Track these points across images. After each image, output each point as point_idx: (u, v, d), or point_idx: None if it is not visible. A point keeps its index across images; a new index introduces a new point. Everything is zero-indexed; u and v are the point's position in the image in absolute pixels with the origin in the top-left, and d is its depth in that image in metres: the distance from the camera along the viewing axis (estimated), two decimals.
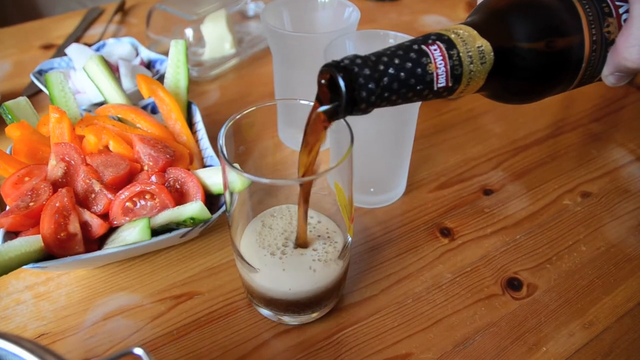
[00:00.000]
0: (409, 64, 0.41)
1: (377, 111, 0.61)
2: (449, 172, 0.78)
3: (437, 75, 0.42)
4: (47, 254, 0.56)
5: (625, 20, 0.47)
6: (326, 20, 0.77)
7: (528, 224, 0.70)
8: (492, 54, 0.44)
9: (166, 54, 0.81)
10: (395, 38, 0.65)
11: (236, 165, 0.51)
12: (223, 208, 0.60)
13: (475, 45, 0.43)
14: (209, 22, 1.01)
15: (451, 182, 0.76)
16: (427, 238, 0.68)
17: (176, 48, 0.77)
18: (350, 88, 0.40)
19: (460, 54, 0.42)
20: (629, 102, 0.93)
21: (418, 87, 0.42)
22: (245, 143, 0.54)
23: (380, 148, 0.66)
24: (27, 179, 0.62)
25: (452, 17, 1.24)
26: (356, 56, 0.41)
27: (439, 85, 0.42)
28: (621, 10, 0.48)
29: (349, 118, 0.48)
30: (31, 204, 0.59)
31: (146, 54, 0.95)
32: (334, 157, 0.61)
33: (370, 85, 0.40)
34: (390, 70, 0.41)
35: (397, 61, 0.41)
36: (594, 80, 0.51)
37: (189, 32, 1.01)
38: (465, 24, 0.46)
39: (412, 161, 0.73)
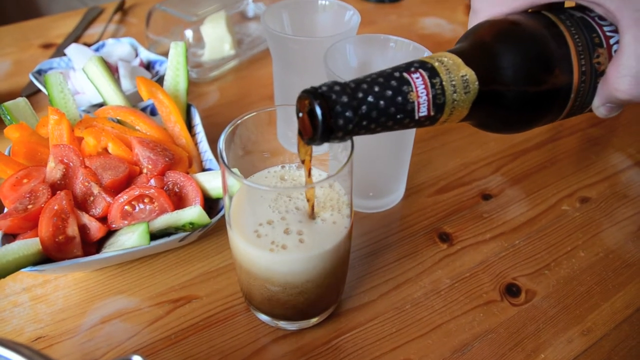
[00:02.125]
0: (390, 92, 0.40)
1: None
2: (448, 177, 0.78)
3: (419, 104, 0.40)
4: (45, 257, 0.56)
5: (616, 51, 0.46)
6: (326, 23, 0.77)
7: (527, 230, 0.70)
8: (476, 83, 0.42)
9: (166, 54, 0.81)
10: (395, 42, 0.65)
11: (235, 170, 0.51)
12: (222, 212, 0.60)
13: (460, 74, 0.42)
14: (209, 23, 1.00)
15: (450, 186, 0.76)
16: (426, 243, 0.68)
17: (176, 50, 0.76)
18: (327, 116, 0.39)
19: (444, 83, 0.41)
20: (628, 107, 0.93)
21: (398, 116, 0.40)
22: (246, 147, 0.54)
23: (380, 153, 0.66)
24: (25, 180, 0.62)
25: (451, 20, 1.24)
26: (335, 83, 0.40)
27: (421, 115, 0.41)
28: (612, 41, 0.46)
29: None
30: (29, 206, 0.58)
31: (145, 54, 0.95)
32: (333, 163, 0.61)
33: (347, 114, 0.39)
34: (370, 99, 0.39)
35: (377, 89, 0.40)
36: (584, 111, 0.50)
37: (189, 33, 1.01)
38: (451, 51, 0.44)
39: (411, 165, 0.73)
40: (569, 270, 0.65)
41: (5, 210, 0.60)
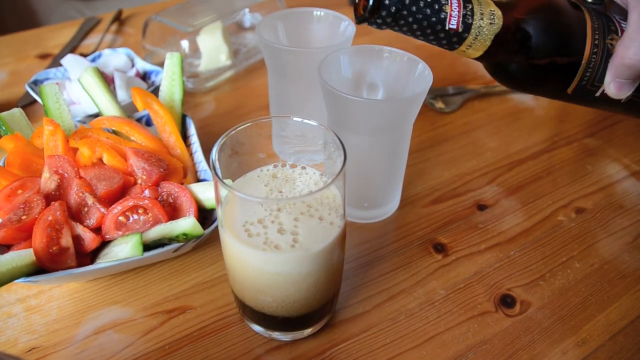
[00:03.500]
0: None
1: (371, 127, 0.62)
2: (443, 187, 0.78)
3: (450, 16, 0.50)
4: (39, 268, 0.56)
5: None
6: (322, 33, 0.77)
7: (522, 240, 0.70)
8: (501, 19, 0.51)
9: (162, 64, 0.81)
10: (390, 53, 0.65)
11: (228, 181, 0.51)
12: (216, 223, 0.60)
13: (489, 8, 0.51)
14: (205, 33, 1.01)
15: (445, 197, 0.76)
16: (421, 254, 0.67)
17: (171, 61, 0.77)
18: None
19: (474, 8, 0.50)
20: (623, 118, 0.94)
21: (432, 19, 0.50)
22: (239, 157, 0.54)
23: (374, 163, 0.66)
24: (20, 191, 0.62)
25: None
26: None
27: (451, 26, 0.50)
28: None
29: (344, 137, 0.48)
30: (24, 217, 0.58)
31: (142, 65, 0.95)
32: (327, 162, 0.61)
33: None
34: None
35: None
36: (595, 92, 0.55)
37: (185, 44, 1.01)
38: None
39: (406, 175, 0.73)
40: (564, 281, 0.65)
41: (0, 221, 0.60)
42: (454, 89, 0.98)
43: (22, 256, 0.55)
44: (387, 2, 0.49)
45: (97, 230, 0.60)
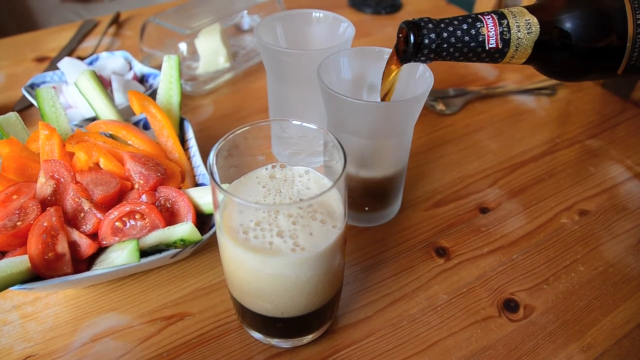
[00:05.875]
0: (465, 26, 0.51)
1: (371, 130, 0.61)
2: (444, 190, 0.77)
3: (488, 37, 0.51)
4: (34, 275, 0.55)
5: None
6: (321, 35, 0.76)
7: (525, 243, 0.69)
8: (538, 26, 0.52)
9: (160, 67, 0.81)
10: (390, 54, 0.64)
11: (225, 185, 0.51)
12: (214, 228, 0.59)
13: (524, 18, 0.52)
14: (203, 36, 1.00)
15: (447, 200, 0.75)
16: (423, 258, 0.67)
17: (169, 63, 0.76)
18: (417, 36, 0.51)
19: (509, 23, 0.51)
20: (626, 118, 0.93)
21: (472, 44, 0.51)
22: (237, 160, 0.53)
23: (375, 166, 0.65)
24: (15, 197, 0.61)
25: None
26: (425, 17, 0.52)
27: (490, 46, 0.52)
28: None
29: (344, 140, 0.47)
30: (19, 223, 0.57)
31: (139, 68, 0.94)
32: (327, 174, 0.60)
33: (432, 35, 0.51)
34: (450, 28, 0.51)
35: (456, 22, 0.51)
36: None
37: (183, 46, 1.00)
38: (521, 6, 0.54)
39: (408, 178, 0.72)
40: (568, 285, 0.64)
41: None
42: (455, 90, 0.98)
43: (17, 263, 0.54)
44: (426, 41, 0.51)
45: (93, 236, 0.59)
